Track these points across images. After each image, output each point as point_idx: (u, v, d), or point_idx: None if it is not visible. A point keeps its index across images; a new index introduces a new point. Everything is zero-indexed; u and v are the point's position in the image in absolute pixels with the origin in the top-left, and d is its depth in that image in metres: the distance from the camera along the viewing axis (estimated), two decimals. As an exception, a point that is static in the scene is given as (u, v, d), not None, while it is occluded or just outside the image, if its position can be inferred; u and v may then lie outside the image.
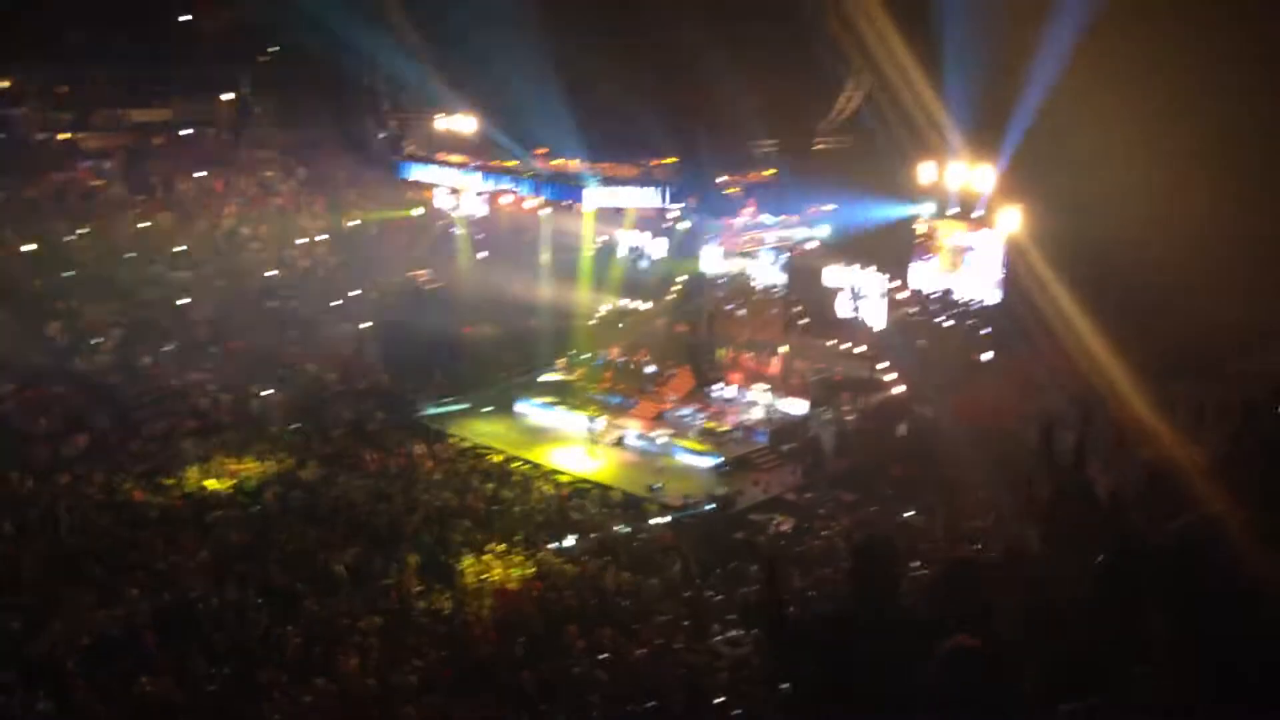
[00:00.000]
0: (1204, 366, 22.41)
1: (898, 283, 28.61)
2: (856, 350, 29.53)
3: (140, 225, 38.30)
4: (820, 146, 29.14)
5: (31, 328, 31.87)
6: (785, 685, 14.46)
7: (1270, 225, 21.90)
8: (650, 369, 31.48)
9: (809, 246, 30.02)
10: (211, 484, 24.60)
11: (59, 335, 31.70)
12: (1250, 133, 22.23)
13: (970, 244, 26.81)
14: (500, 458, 27.48)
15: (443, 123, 36.17)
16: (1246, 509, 5.40)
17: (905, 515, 22.89)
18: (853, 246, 29.15)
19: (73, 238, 37.07)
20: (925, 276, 27.97)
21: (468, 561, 21.03)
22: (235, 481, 24.76)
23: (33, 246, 35.75)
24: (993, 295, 26.31)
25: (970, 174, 27.08)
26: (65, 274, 35.22)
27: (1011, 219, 26.01)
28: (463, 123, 36.65)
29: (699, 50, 29.37)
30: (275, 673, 16.47)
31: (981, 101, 24.72)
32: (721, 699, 15.14)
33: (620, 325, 33.96)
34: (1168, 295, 22.17)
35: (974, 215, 26.34)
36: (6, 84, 40.47)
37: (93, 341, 31.67)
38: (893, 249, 28.10)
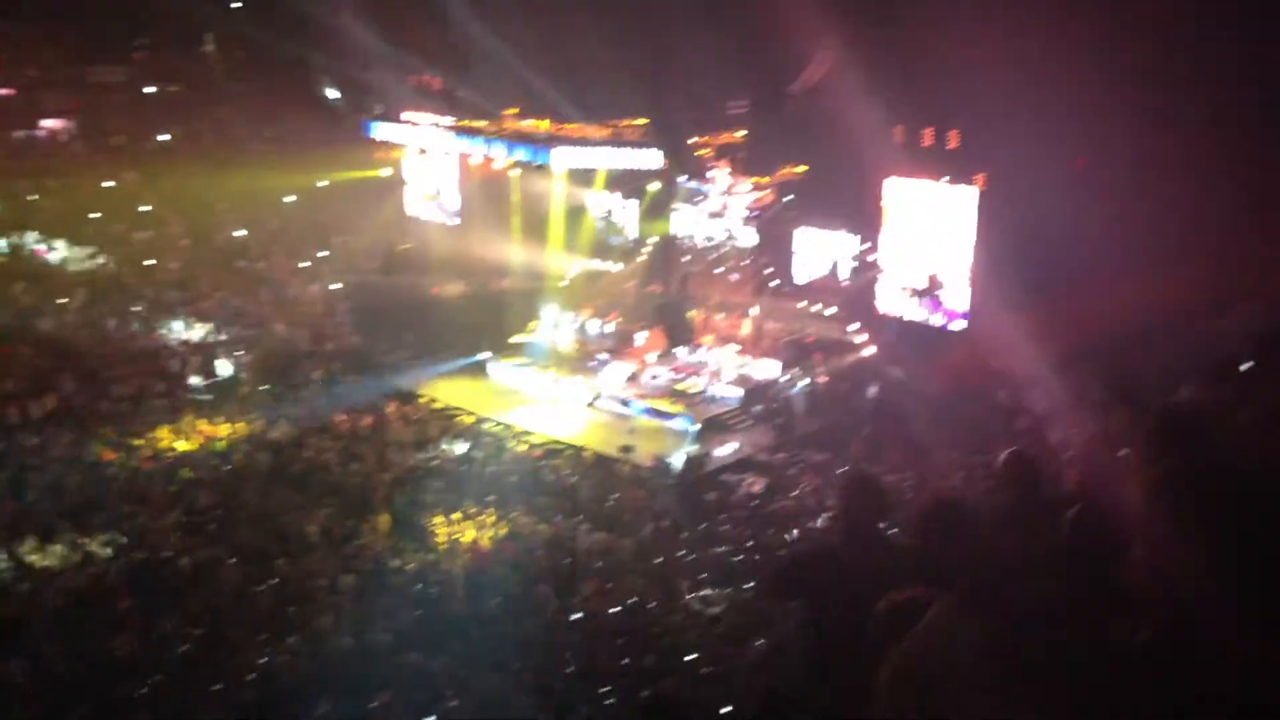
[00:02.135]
0: (1175, 329, 22.61)
1: (869, 244, 28.65)
2: (828, 312, 29.62)
3: (105, 184, 37.85)
4: (793, 108, 29.02)
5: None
6: (760, 642, 14.68)
7: (1234, 189, 22.04)
8: (623, 330, 31.48)
9: (780, 208, 30.03)
10: (181, 445, 24.49)
11: (24, 295, 31.34)
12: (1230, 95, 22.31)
13: (943, 207, 26.82)
14: (472, 419, 27.46)
15: (411, 81, 35.86)
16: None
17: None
18: (825, 208, 29.16)
19: (36, 197, 36.63)
20: (898, 239, 27.97)
21: (439, 522, 21.09)
22: (205, 442, 24.67)
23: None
24: (966, 258, 26.36)
25: (941, 136, 27.10)
26: (29, 233, 34.84)
27: (983, 181, 26.05)
28: (431, 82, 36.37)
29: (670, 8, 29.24)
30: (248, 632, 16.53)
31: (948, 64, 24.64)
32: (694, 656, 15.32)
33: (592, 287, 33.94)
34: (1136, 259, 22.30)
35: (945, 179, 26.34)
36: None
37: (58, 301, 31.31)
38: (865, 211, 28.09)
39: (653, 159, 30.02)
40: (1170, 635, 3.48)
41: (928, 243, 26.92)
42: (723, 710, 10.77)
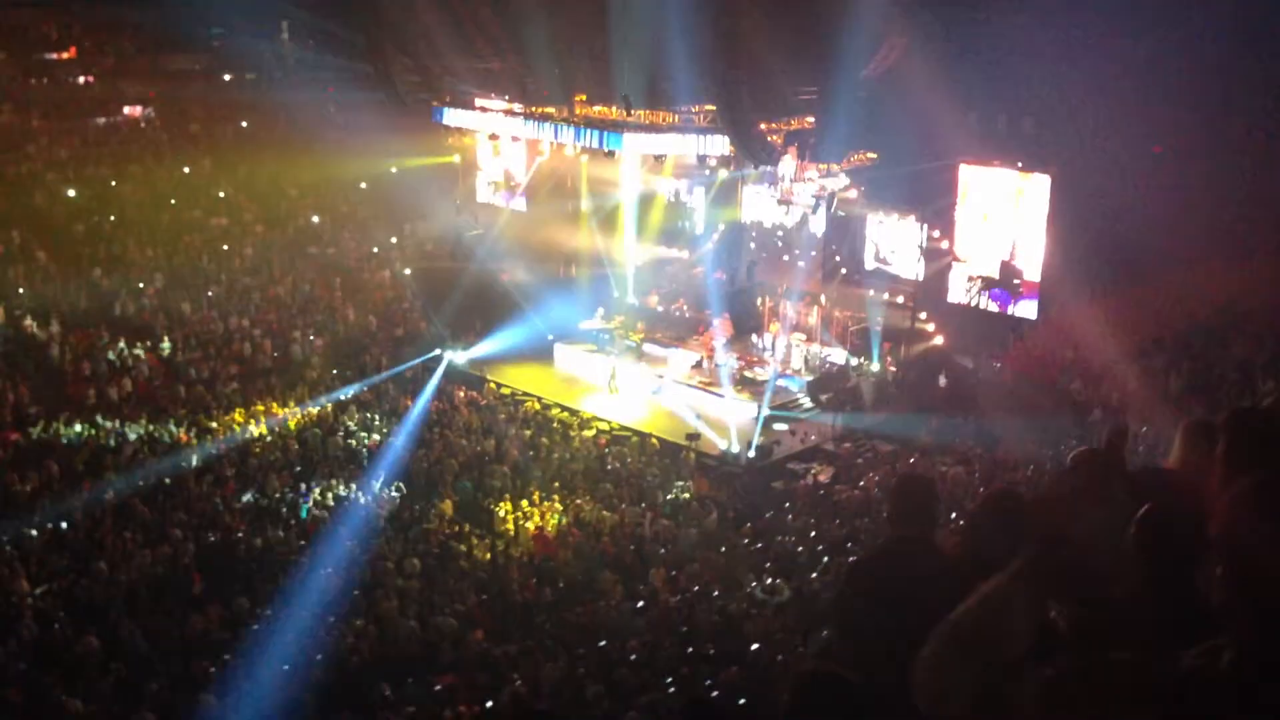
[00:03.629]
0: (1250, 322, 22.12)
1: (939, 233, 28.29)
2: (897, 300, 29.31)
3: (181, 171, 38.50)
4: (864, 94, 28.63)
5: (75, 272, 32.16)
6: (824, 633, 14.54)
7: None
8: (689, 317, 31.39)
9: (850, 195, 29.71)
10: (254, 428, 24.82)
11: (102, 280, 31.95)
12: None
13: (1016, 195, 26.37)
14: (538, 405, 27.55)
15: (481, 67, 35.91)
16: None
17: (944, 467, 22.80)
18: (894, 196, 28.81)
19: (115, 183, 37.33)
20: (969, 227, 27.57)
21: (506, 507, 21.20)
22: (277, 425, 24.99)
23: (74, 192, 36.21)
24: (1038, 246, 25.91)
25: (1015, 123, 26.70)
26: (109, 218, 35.52)
27: (1056, 170, 25.60)
28: (501, 68, 36.41)
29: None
30: (316, 613, 16.73)
31: (1022, 51, 24.21)
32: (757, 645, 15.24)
33: (659, 273, 33.87)
34: (1210, 251, 21.81)
35: (1019, 166, 25.90)
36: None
37: (136, 285, 31.88)
38: (937, 199, 27.71)
39: (721, 145, 29.84)
40: (1258, 660, 3.30)
41: (1000, 231, 26.49)
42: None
